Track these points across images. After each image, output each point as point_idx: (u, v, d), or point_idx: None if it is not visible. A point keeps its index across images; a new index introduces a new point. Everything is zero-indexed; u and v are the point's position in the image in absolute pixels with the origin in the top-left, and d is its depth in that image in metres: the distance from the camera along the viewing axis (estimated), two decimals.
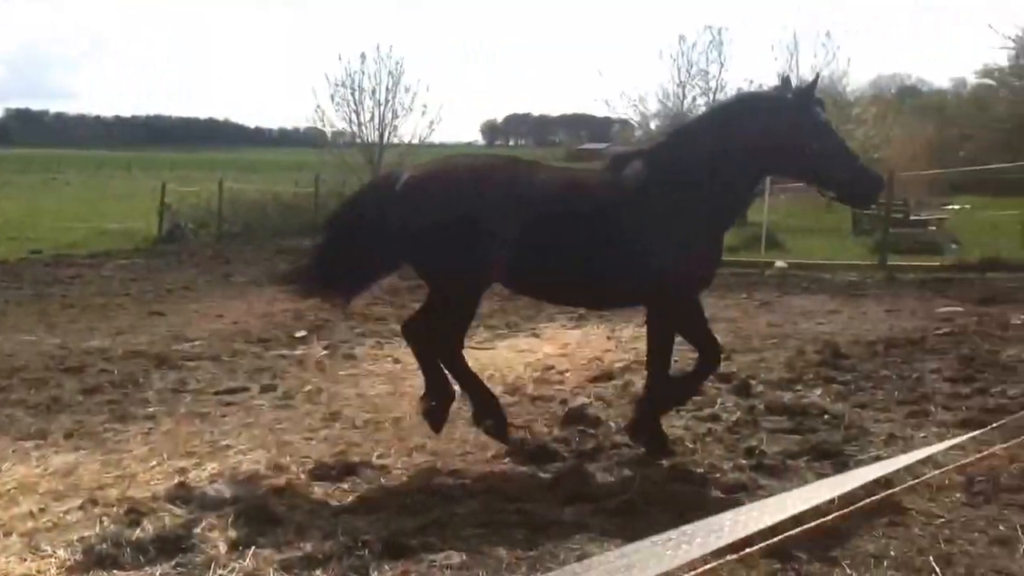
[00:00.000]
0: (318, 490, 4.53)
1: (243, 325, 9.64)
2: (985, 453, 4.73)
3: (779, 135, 4.99)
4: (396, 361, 7.67)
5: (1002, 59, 33.87)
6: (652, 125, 28.44)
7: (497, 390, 6.57)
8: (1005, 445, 4.84)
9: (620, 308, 6.47)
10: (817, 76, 5.26)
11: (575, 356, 7.77)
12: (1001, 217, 19.64)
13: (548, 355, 7.84)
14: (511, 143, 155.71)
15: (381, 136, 28.81)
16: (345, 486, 4.58)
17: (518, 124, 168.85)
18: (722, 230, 5.27)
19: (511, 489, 4.53)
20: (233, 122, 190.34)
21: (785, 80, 5.26)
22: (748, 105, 5.37)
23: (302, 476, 4.72)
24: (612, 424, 5.59)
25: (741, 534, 2.54)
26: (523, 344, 8.48)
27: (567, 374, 7.10)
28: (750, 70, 63.95)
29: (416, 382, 6.85)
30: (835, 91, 26.70)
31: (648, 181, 5.04)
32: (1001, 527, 3.91)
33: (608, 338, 8.59)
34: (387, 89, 28.83)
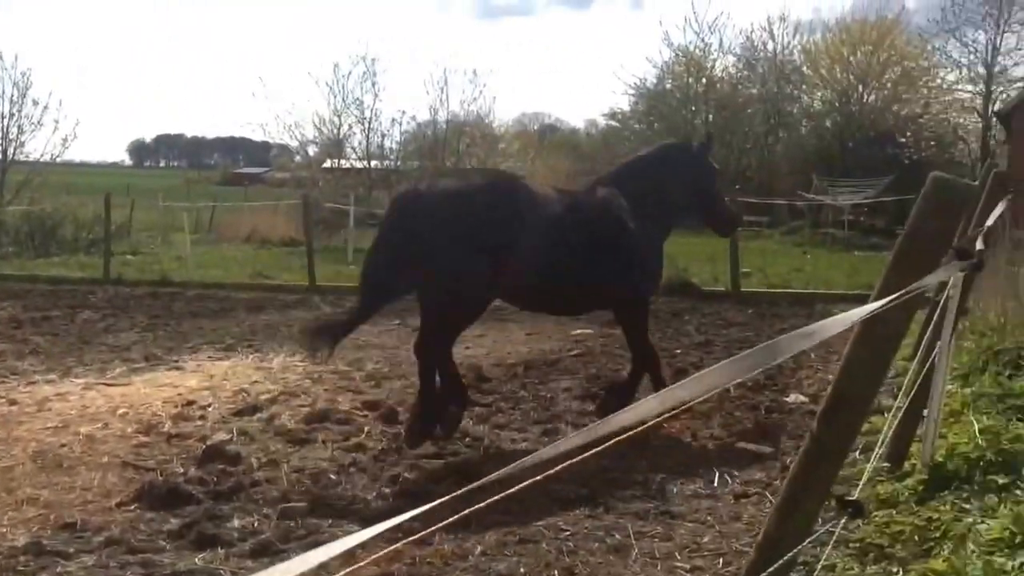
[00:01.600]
0: None
1: None
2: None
3: (698, 175, 6.82)
4: (12, 403, 6.82)
5: (625, 104, 37.78)
6: (310, 151, 28.08)
7: (129, 430, 6.09)
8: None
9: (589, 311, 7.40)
10: (710, 136, 7.50)
11: (220, 389, 7.39)
12: None
13: (191, 389, 7.38)
14: (162, 164, 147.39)
15: (4, 152, 25.84)
16: None
17: (170, 145, 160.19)
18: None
19: (136, 539, 4.16)
20: None
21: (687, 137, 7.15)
22: (680, 151, 7.11)
23: None
24: (254, 460, 5.37)
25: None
26: (164, 378, 7.92)
27: (209, 408, 6.72)
28: (403, 102, 65.40)
29: (34, 426, 6.17)
30: (483, 125, 28.10)
31: (622, 202, 6.31)
32: (617, 536, 4.24)
33: (257, 368, 8.28)
34: (12, 101, 25.93)
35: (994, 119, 31.02)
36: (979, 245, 3.53)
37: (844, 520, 2.66)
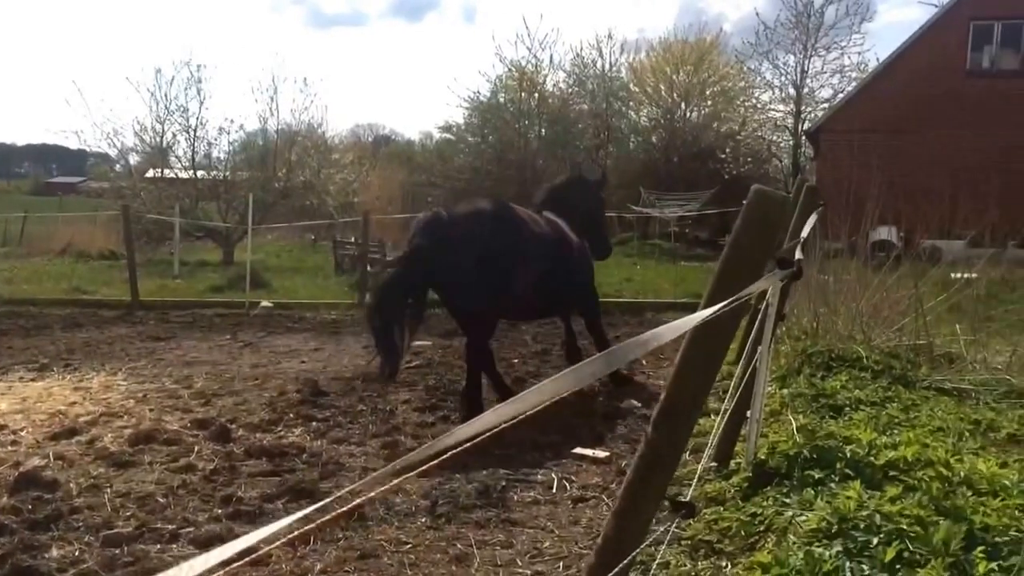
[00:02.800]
0: None
1: None
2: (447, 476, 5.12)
3: (594, 203, 8.41)
4: None
5: (460, 117, 38.04)
6: (132, 160, 26.67)
7: None
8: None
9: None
10: (605, 173, 9.92)
11: (34, 411, 6.90)
12: None
13: (1, 412, 6.87)
14: None
15: None
16: None
17: None
18: None
19: None
20: None
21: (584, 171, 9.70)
22: (584, 183, 8.57)
23: None
24: (73, 486, 5.04)
25: None
26: None
27: (23, 432, 6.27)
28: (230, 109, 63.05)
29: None
30: (316, 135, 27.54)
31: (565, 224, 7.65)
32: (459, 545, 4.24)
33: (75, 389, 7.79)
34: None
35: (804, 137, 33.21)
36: (798, 255, 3.76)
37: (677, 520, 2.77)
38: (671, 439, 2.27)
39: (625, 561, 2.10)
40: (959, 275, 9.00)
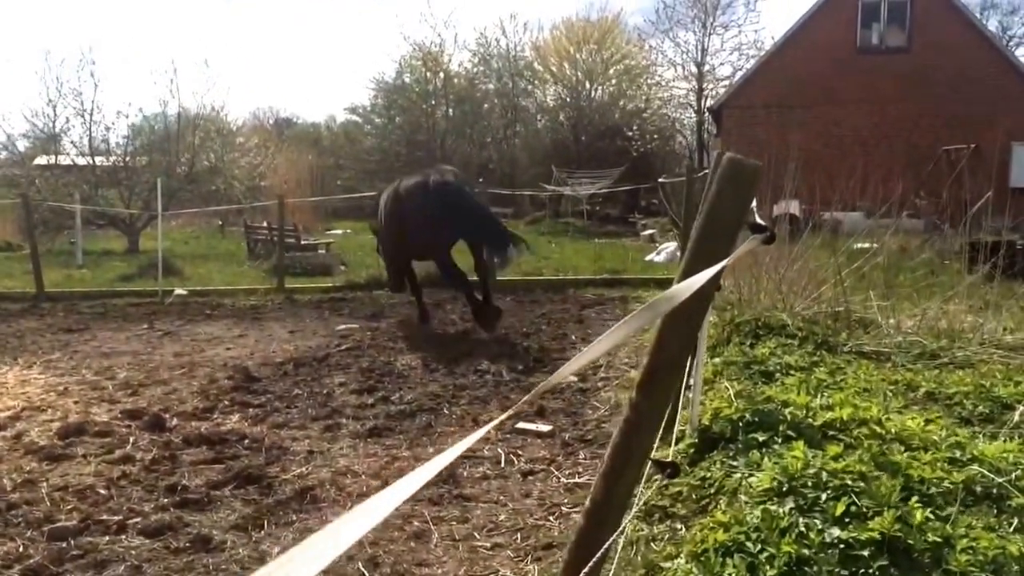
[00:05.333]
0: None
1: None
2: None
3: None
4: None
5: (365, 99, 37.65)
6: (21, 146, 25.50)
7: None
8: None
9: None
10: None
11: None
12: None
13: None
14: None
15: None
16: None
17: None
18: None
19: None
20: None
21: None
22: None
23: None
24: (7, 481, 4.87)
25: None
26: None
27: None
28: (128, 92, 60.67)
29: None
30: (218, 119, 26.79)
31: None
32: (416, 523, 4.26)
33: None
34: None
35: (707, 114, 33.95)
36: (760, 220, 3.88)
37: (659, 482, 2.85)
38: (654, 403, 2.34)
39: (623, 523, 2.17)
40: (862, 245, 9.38)
